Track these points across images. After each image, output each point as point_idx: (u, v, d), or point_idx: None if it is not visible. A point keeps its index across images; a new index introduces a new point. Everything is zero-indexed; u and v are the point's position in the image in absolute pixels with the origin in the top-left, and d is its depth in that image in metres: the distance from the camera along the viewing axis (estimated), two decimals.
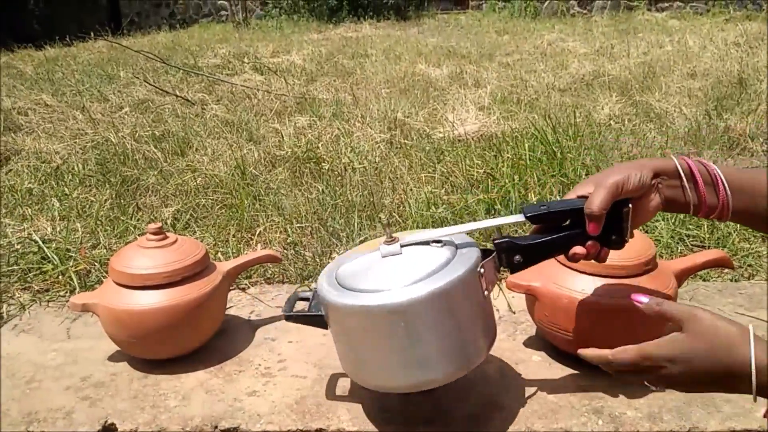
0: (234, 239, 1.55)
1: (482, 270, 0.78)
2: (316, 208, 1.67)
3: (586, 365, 0.88)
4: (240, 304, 1.26)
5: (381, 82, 3.76)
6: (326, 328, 0.86)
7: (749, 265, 1.40)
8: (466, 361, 0.81)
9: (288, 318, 0.90)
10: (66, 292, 1.32)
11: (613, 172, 0.77)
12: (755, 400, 0.62)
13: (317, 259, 1.41)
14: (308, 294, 0.95)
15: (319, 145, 2.27)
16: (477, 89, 3.35)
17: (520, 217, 0.79)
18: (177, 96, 3.28)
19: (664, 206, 0.78)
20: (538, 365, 1.01)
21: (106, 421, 0.92)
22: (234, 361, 1.06)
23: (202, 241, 1.54)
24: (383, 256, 0.81)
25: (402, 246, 0.81)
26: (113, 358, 1.08)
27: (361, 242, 1.46)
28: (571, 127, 2.16)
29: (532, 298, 1.00)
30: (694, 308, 0.67)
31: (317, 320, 0.86)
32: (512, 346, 1.07)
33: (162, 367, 1.04)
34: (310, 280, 1.36)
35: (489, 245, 0.87)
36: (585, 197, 0.78)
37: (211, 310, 1.04)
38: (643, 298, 0.71)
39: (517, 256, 0.80)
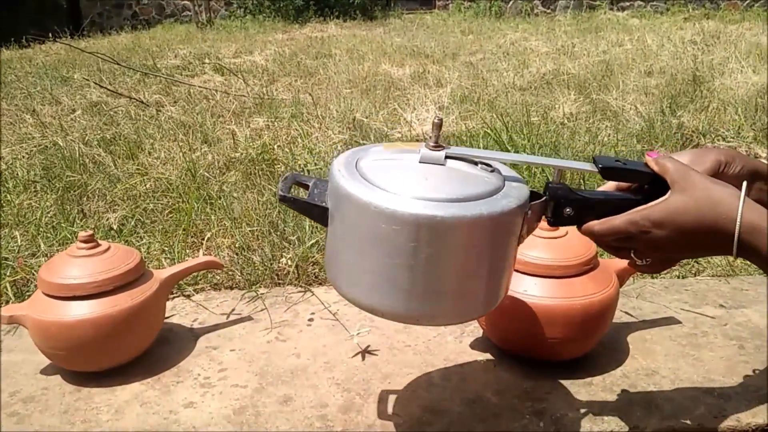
0: (181, 244, 1.51)
1: (529, 212, 0.68)
2: (267, 210, 1.64)
3: (529, 366, 0.87)
4: (183, 312, 1.23)
5: (343, 82, 3.73)
6: (323, 224, 0.69)
7: (696, 261, 1.41)
8: (473, 309, 0.71)
9: (283, 200, 0.70)
10: (0, 304, 1.27)
11: (715, 151, 0.70)
12: (735, 258, 0.62)
13: (266, 264, 1.38)
14: (308, 181, 0.75)
15: (275, 146, 2.23)
16: (438, 89, 3.35)
17: (589, 166, 0.70)
18: (131, 98, 3.21)
19: None
20: (483, 368, 1.00)
21: None
22: (172, 371, 1.02)
23: (148, 248, 1.51)
24: (421, 162, 0.68)
25: (447, 157, 0.68)
26: (46, 371, 1.03)
27: (312, 246, 1.44)
28: (525, 126, 2.16)
29: None
30: (689, 169, 0.65)
31: (316, 212, 0.69)
32: (458, 348, 1.06)
33: (96, 379, 1.00)
34: (258, 285, 1.33)
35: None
36: None
37: (145, 319, 1.01)
38: (654, 154, 0.69)
39: (568, 209, 0.71)
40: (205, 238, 1.55)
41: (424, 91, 3.24)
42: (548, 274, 0.93)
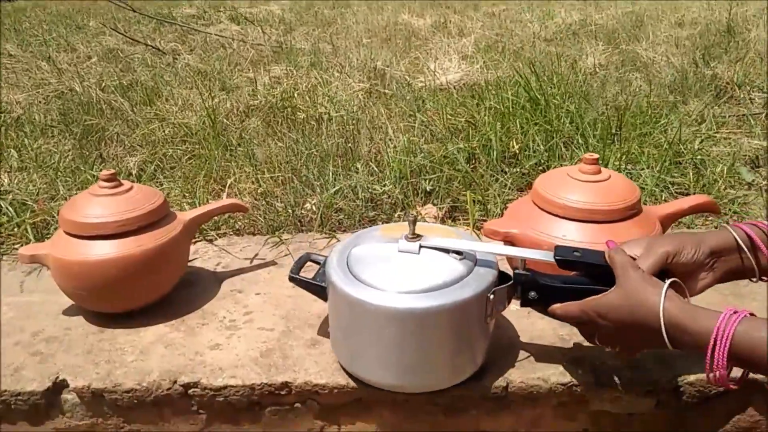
0: (202, 190, 1.48)
1: (492, 296, 0.76)
2: (289, 157, 1.60)
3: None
4: (206, 256, 1.20)
5: (362, 31, 3.62)
6: (326, 300, 0.85)
7: (734, 212, 1.36)
8: (452, 375, 0.81)
9: (292, 279, 0.88)
10: (21, 245, 1.25)
11: (666, 241, 0.73)
12: (671, 348, 0.64)
13: (289, 210, 1.35)
14: (320, 258, 0.92)
15: (295, 94, 2.18)
16: (461, 38, 3.24)
17: (548, 257, 0.77)
18: (148, 45, 3.14)
19: (717, 282, 0.74)
20: (516, 315, 0.97)
21: (57, 378, 0.86)
22: (197, 314, 1.00)
23: (169, 193, 1.48)
24: (400, 251, 0.79)
25: (421, 246, 0.79)
26: (68, 312, 1.02)
27: (336, 192, 1.40)
28: (555, 75, 2.08)
29: (511, 244, 0.95)
30: (631, 265, 0.69)
31: (319, 291, 0.85)
32: None
33: (119, 320, 0.98)
34: (281, 231, 1.30)
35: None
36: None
37: (169, 261, 0.98)
38: (611, 245, 0.75)
39: (532, 293, 0.78)
40: (227, 185, 1.52)
41: (446, 40, 3.14)
42: (589, 218, 0.89)
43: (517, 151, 1.55)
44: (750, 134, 1.80)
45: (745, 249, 0.72)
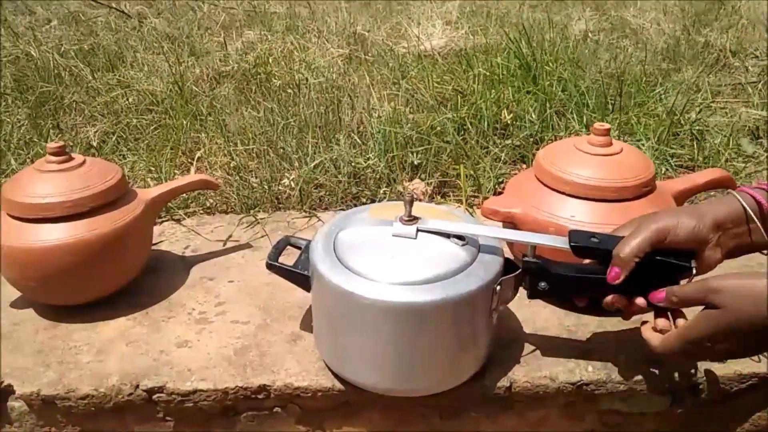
0: (169, 164, 1.35)
1: (498, 287, 0.68)
2: (264, 128, 1.48)
3: (571, 302, 0.75)
4: (173, 238, 1.09)
5: None
6: (307, 290, 0.76)
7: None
8: (453, 377, 0.72)
9: (270, 267, 0.79)
10: None
11: (661, 215, 0.66)
12: None
13: (265, 186, 1.24)
14: (302, 242, 0.82)
15: (270, 60, 2.04)
16: (444, 2, 3.10)
17: (562, 243, 0.68)
18: (112, 8, 2.95)
19: (727, 258, 0.67)
20: (517, 303, 0.88)
21: (1, 383, 0.75)
22: (163, 305, 0.90)
23: (132, 167, 1.35)
24: (394, 235, 0.69)
25: (419, 230, 0.69)
26: (16, 304, 0.90)
27: (316, 167, 1.29)
28: (545, 41, 1.97)
29: (511, 226, 0.85)
30: (710, 281, 0.59)
31: (302, 280, 0.75)
32: None
33: (75, 314, 0.87)
34: (256, 209, 1.19)
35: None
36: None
37: (130, 245, 0.87)
38: (659, 296, 0.65)
39: (543, 283, 0.69)
40: (196, 158, 1.40)
41: (429, 4, 3.00)
42: (600, 196, 0.80)
43: (509, 122, 1.45)
44: (748, 104, 1.73)
45: (755, 218, 0.63)
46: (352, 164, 1.29)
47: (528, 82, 1.65)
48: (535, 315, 0.85)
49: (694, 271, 0.65)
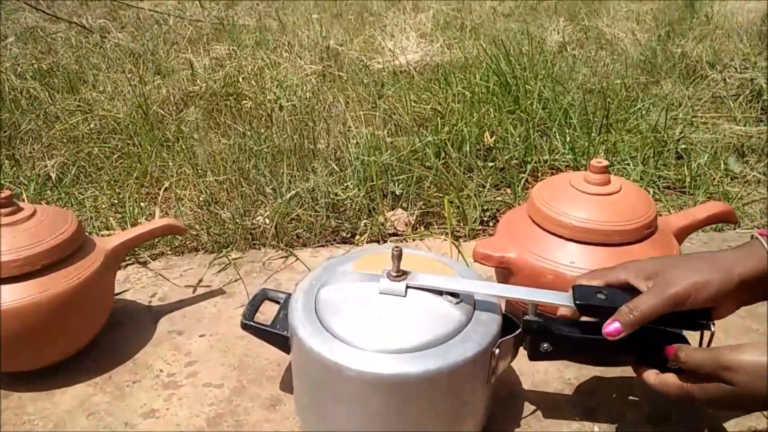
0: (134, 196, 1.27)
1: (497, 351, 0.62)
2: (236, 155, 1.40)
3: None
4: (138, 285, 1.01)
5: (311, 6, 3.38)
6: (287, 353, 0.69)
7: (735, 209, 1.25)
8: None
9: (245, 327, 0.71)
10: None
11: (680, 276, 0.58)
12: None
13: (237, 222, 1.16)
14: (280, 296, 0.75)
15: (240, 78, 1.96)
16: (416, 14, 3.05)
17: (567, 301, 0.62)
18: (72, 23, 2.83)
19: (741, 306, 0.62)
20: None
21: None
22: (127, 367, 0.82)
23: (94, 201, 1.27)
24: (381, 293, 0.63)
25: (408, 287, 0.63)
26: None
27: (292, 199, 1.22)
28: (523, 56, 1.93)
29: (506, 272, 0.80)
30: (723, 354, 0.53)
31: (280, 341, 0.69)
32: None
33: (29, 381, 0.78)
34: (229, 248, 1.11)
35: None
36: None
37: (88, 304, 0.79)
38: (668, 350, 0.59)
39: (545, 344, 0.64)
40: (162, 188, 1.31)
41: (402, 15, 2.95)
42: (601, 240, 0.75)
43: (492, 144, 1.40)
44: (730, 118, 1.71)
45: None
46: (330, 195, 1.22)
47: (508, 101, 1.60)
48: (534, 367, 0.79)
49: (713, 329, 0.59)
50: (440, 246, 1.12)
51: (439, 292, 0.63)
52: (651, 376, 0.60)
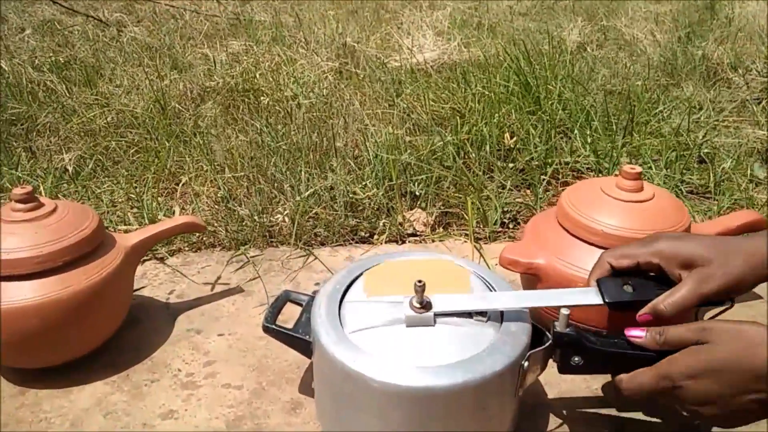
0: (151, 191, 1.26)
1: (526, 363, 0.59)
2: (253, 152, 1.39)
3: None
4: (156, 281, 1.00)
5: (326, 2, 3.37)
6: (308, 357, 0.68)
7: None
8: None
9: (267, 330, 0.71)
10: None
11: (723, 269, 0.58)
12: None
13: (255, 219, 1.15)
14: (303, 298, 0.74)
15: (257, 74, 1.94)
16: (433, 12, 3.03)
17: (595, 299, 0.62)
18: (89, 16, 2.83)
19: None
20: None
21: None
22: (145, 365, 0.81)
23: (111, 195, 1.26)
24: (409, 325, 0.60)
25: (435, 315, 0.60)
26: None
27: (310, 196, 1.21)
28: (543, 56, 1.91)
29: (533, 278, 0.78)
30: (705, 322, 0.55)
31: (303, 346, 0.68)
32: None
33: (46, 378, 0.78)
34: (247, 246, 1.10)
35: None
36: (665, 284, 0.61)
37: (108, 301, 0.78)
38: (638, 332, 0.59)
39: (576, 357, 0.62)
40: (180, 184, 1.30)
41: (418, 13, 2.92)
42: None
43: (512, 146, 1.38)
44: (754, 123, 1.67)
45: None
46: (349, 194, 1.21)
47: (528, 101, 1.58)
48: (558, 376, 0.77)
49: (732, 304, 0.61)
50: (461, 248, 1.10)
51: (468, 314, 0.61)
52: (622, 379, 0.59)
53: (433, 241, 1.14)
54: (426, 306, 0.60)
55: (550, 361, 0.64)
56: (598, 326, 0.71)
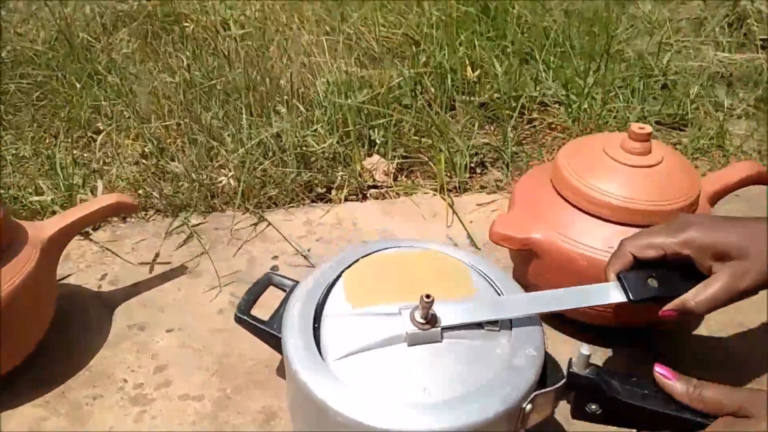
0: (64, 144, 1.08)
1: (529, 407, 0.49)
2: (183, 94, 1.20)
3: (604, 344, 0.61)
4: (82, 264, 0.85)
5: None
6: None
7: (742, 152, 1.18)
8: None
9: (239, 321, 0.60)
10: None
11: (759, 266, 0.52)
12: None
13: (194, 177, 1.00)
14: (287, 283, 0.62)
15: None
16: None
17: (618, 297, 0.54)
18: None
19: None
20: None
21: None
22: (82, 377, 0.68)
23: (16, 154, 1.07)
24: (411, 344, 0.50)
25: (443, 329, 0.50)
26: None
27: (257, 146, 1.06)
28: None
29: (527, 254, 0.69)
30: (751, 392, 0.47)
31: (278, 344, 0.55)
32: None
33: None
34: (188, 213, 0.96)
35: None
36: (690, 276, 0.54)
37: (29, 310, 0.64)
38: (666, 372, 0.50)
39: (594, 405, 0.51)
40: (99, 134, 1.12)
41: None
42: (644, 222, 0.64)
43: (476, 79, 1.26)
44: (714, 44, 1.61)
45: None
46: (299, 144, 1.07)
47: (488, 25, 1.45)
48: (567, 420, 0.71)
49: None
50: (431, 202, 1.00)
51: (479, 325, 0.52)
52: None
53: (398, 195, 1.03)
54: (431, 321, 0.50)
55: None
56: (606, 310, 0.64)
